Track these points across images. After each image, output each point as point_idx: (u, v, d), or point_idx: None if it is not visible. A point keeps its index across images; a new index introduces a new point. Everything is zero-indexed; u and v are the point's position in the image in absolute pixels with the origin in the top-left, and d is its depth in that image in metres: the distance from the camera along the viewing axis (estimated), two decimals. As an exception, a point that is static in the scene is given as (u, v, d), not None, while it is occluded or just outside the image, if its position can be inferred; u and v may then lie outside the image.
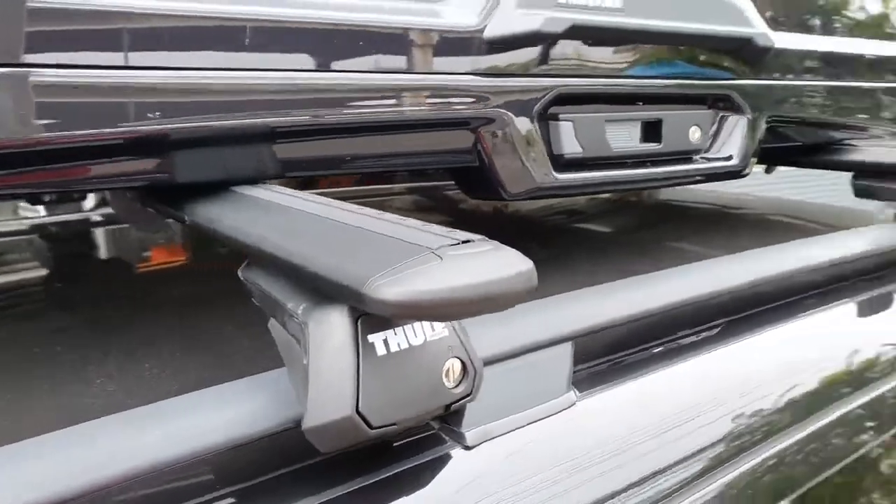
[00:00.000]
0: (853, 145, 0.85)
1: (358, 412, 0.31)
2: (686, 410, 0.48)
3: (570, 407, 0.43)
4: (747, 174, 0.73)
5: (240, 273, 0.40)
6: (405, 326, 0.33)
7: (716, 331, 0.58)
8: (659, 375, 0.49)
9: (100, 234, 0.88)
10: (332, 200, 0.39)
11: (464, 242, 0.29)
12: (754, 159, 0.73)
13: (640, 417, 0.45)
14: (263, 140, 0.45)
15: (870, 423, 0.56)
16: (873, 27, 0.83)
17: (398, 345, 0.32)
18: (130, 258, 0.82)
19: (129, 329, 0.55)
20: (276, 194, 0.43)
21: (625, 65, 0.62)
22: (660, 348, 0.53)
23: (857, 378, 0.58)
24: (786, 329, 0.60)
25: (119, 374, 0.46)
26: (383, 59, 0.48)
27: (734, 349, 0.55)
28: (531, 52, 0.55)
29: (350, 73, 0.46)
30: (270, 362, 0.35)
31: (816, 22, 0.78)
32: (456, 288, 0.26)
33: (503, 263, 0.28)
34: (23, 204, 0.89)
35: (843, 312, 0.67)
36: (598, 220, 1.08)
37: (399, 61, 0.48)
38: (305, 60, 0.44)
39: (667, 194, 1.22)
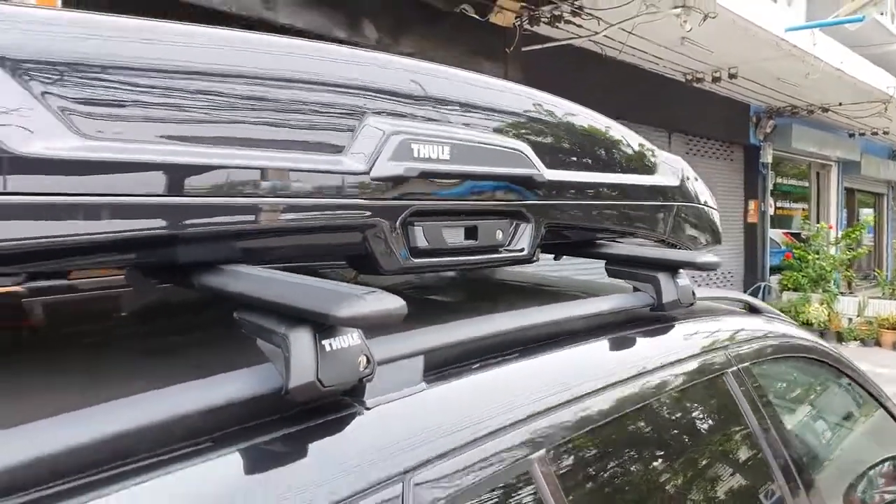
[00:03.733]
0: (604, 242, 1.28)
1: (318, 378, 0.61)
2: (490, 405, 0.81)
3: (421, 392, 0.75)
4: (535, 261, 1.12)
5: (235, 315, 0.69)
6: (340, 336, 0.64)
7: (510, 354, 0.93)
8: (472, 379, 0.83)
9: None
10: (281, 272, 0.70)
11: (371, 292, 0.61)
12: (538, 251, 1.12)
13: (463, 403, 0.78)
14: (236, 239, 0.74)
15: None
16: (612, 164, 1.28)
17: (337, 346, 0.63)
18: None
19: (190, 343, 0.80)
20: (249, 268, 0.72)
21: (454, 192, 0.98)
22: (477, 363, 0.87)
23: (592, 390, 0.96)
24: (555, 355, 0.97)
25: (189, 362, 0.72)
26: (308, 188, 0.80)
27: (517, 367, 0.90)
28: (397, 186, 0.89)
29: (287, 196, 0.77)
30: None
31: (574, 161, 1.21)
32: (378, 310, 0.58)
33: (390, 301, 0.61)
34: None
35: (593, 347, 1.05)
36: (454, 291, 1.43)
37: (319, 189, 0.81)
38: (263, 188, 0.75)
39: (498, 274, 1.62)
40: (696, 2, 5.48)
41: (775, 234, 11.58)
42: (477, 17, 5.52)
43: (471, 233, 1.00)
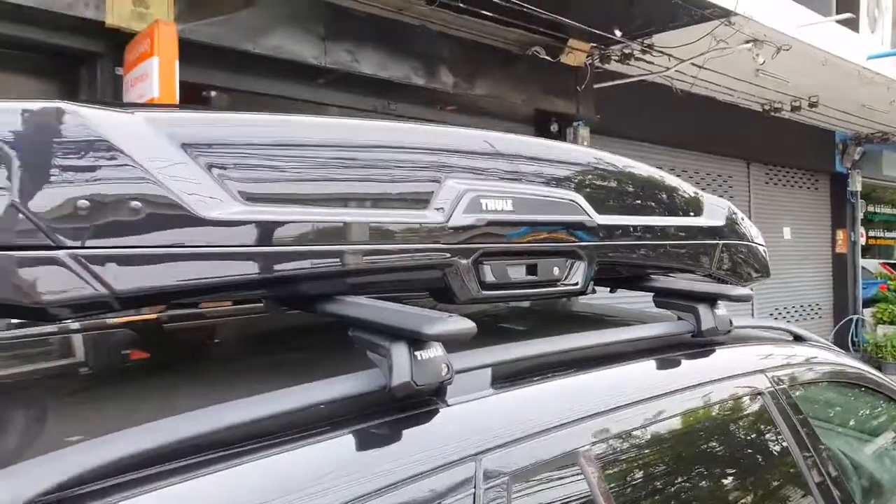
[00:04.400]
0: (653, 276, 1.46)
1: (412, 379, 0.83)
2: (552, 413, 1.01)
3: (489, 396, 0.96)
4: (588, 293, 1.31)
5: (349, 332, 0.92)
6: (428, 349, 0.86)
7: (568, 370, 1.12)
8: (534, 388, 1.03)
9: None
10: (380, 300, 0.93)
11: (450, 316, 0.83)
12: (592, 285, 1.32)
13: (522, 406, 0.98)
14: (348, 276, 0.98)
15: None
16: (657, 209, 1.46)
17: (425, 356, 0.85)
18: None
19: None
20: (358, 298, 0.96)
21: (517, 236, 1.20)
22: (537, 376, 1.06)
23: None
24: (604, 371, 1.15)
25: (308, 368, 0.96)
26: (401, 236, 1.03)
27: (573, 380, 1.09)
28: (469, 232, 1.11)
29: (386, 243, 1.01)
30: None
31: (622, 207, 1.39)
32: (455, 329, 0.81)
33: (465, 323, 0.83)
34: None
35: (638, 366, 1.23)
36: (524, 318, 1.63)
37: (409, 237, 1.04)
38: (370, 238, 0.99)
39: (568, 304, 1.82)
40: (768, 35, 5.53)
41: (870, 265, 11.08)
42: (549, 58, 5.76)
43: (531, 269, 1.21)
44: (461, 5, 4.59)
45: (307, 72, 4.43)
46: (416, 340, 0.84)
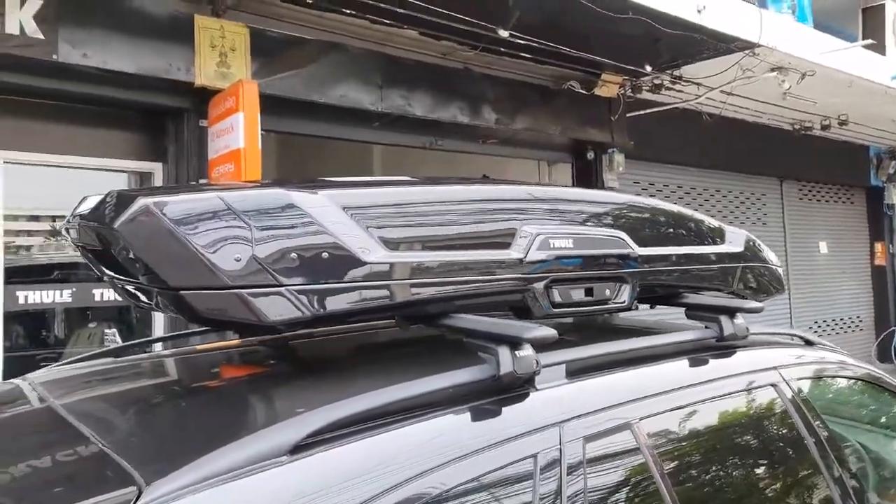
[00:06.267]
0: (684, 294, 1.81)
1: (514, 370, 1.21)
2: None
3: (564, 385, 1.32)
4: (633, 309, 1.68)
5: (465, 340, 1.31)
6: (523, 349, 1.23)
7: (619, 366, 1.48)
8: (601, 378, 1.39)
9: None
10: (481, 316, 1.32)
11: (538, 325, 1.21)
12: (636, 302, 1.68)
13: (590, 391, 1.35)
14: (460, 300, 1.37)
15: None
16: (685, 240, 1.82)
17: (522, 354, 1.23)
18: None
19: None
20: (466, 315, 1.34)
21: (577, 265, 1.56)
22: (602, 368, 1.43)
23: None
24: (648, 368, 1.51)
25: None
26: (493, 269, 1.42)
27: (623, 374, 1.45)
28: (542, 265, 1.49)
29: (484, 275, 1.39)
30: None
31: (657, 239, 1.76)
32: (543, 335, 1.19)
33: (549, 331, 1.21)
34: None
35: (675, 363, 1.58)
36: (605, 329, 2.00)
37: (497, 270, 1.42)
38: (475, 272, 1.37)
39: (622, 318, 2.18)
40: (792, 63, 5.83)
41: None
42: (583, 91, 6.15)
43: (588, 292, 1.58)
44: (502, 49, 5.02)
45: (365, 116, 4.90)
46: (516, 343, 1.22)
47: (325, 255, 1.23)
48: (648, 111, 6.64)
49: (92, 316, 4.45)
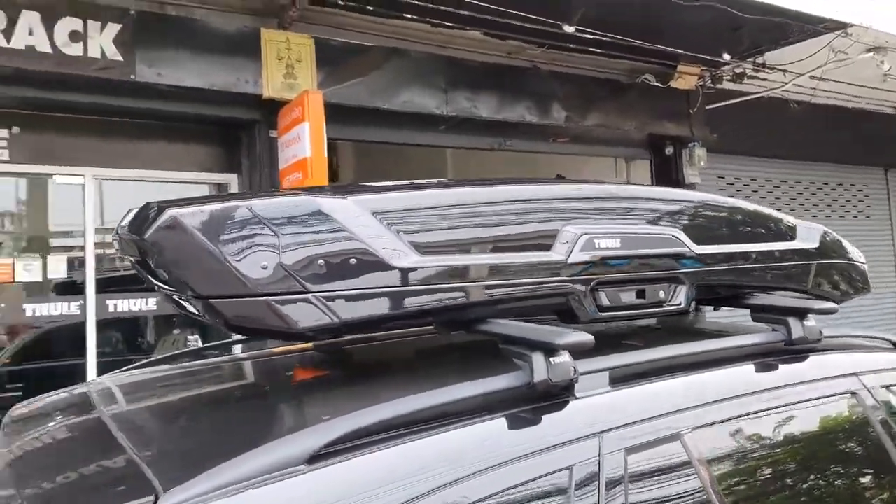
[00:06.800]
0: (747, 294, 1.68)
1: (549, 377, 1.15)
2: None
3: (608, 392, 1.25)
4: (689, 312, 1.57)
5: (500, 346, 1.25)
6: (559, 355, 1.17)
7: (680, 370, 1.38)
8: (645, 386, 1.30)
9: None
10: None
11: (575, 331, 1.15)
12: (694, 304, 1.57)
13: (634, 400, 1.27)
14: (498, 304, 1.31)
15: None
16: (749, 237, 1.69)
17: (557, 361, 1.16)
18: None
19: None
20: (506, 320, 1.29)
21: (627, 266, 1.48)
22: (652, 376, 1.34)
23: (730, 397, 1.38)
24: (710, 373, 1.40)
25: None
26: (534, 272, 1.35)
27: (682, 381, 1.36)
28: (586, 266, 1.41)
29: (525, 277, 1.33)
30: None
31: (716, 238, 1.64)
32: (577, 341, 1.12)
33: (585, 336, 1.14)
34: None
35: (736, 371, 1.46)
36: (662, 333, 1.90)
37: (539, 273, 1.35)
38: (514, 274, 1.31)
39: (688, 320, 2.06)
40: (890, 42, 5.39)
41: None
42: (659, 84, 5.92)
43: (640, 294, 1.49)
44: (570, 45, 4.90)
45: (430, 120, 4.90)
46: (551, 349, 1.16)
47: (352, 260, 1.20)
48: (731, 102, 6.31)
49: (177, 323, 4.68)
